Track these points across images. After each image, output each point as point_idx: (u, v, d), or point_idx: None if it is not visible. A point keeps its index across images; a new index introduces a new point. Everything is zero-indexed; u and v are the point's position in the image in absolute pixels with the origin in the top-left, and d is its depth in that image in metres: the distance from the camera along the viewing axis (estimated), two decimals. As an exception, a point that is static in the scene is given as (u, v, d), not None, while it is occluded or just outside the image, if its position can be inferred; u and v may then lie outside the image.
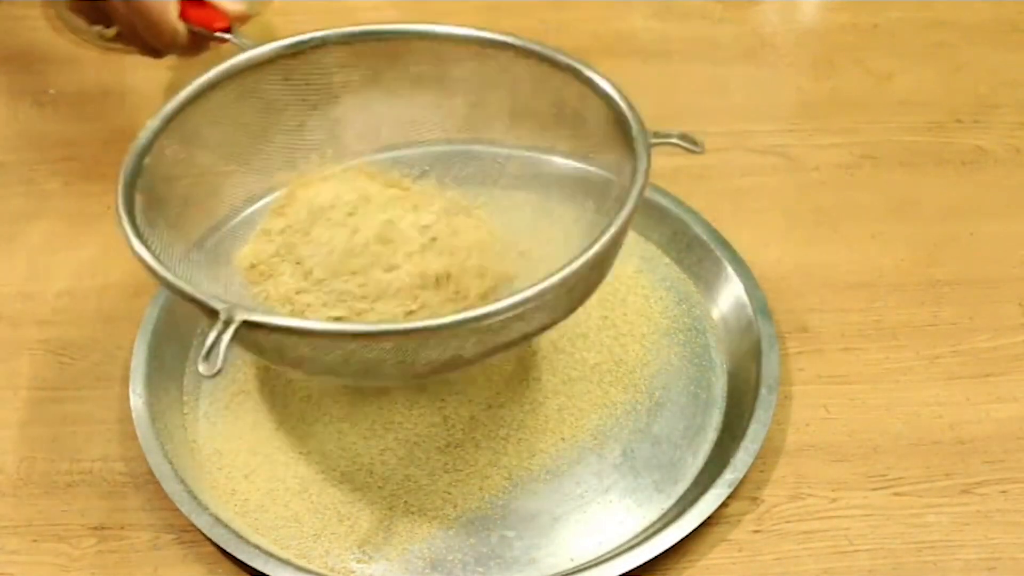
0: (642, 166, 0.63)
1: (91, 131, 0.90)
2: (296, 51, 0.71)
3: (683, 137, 0.66)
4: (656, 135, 0.65)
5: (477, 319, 0.57)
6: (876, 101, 0.92)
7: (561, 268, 0.59)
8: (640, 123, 0.65)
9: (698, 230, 0.78)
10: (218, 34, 0.74)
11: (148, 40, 0.76)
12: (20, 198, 0.85)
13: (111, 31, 0.79)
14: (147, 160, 0.65)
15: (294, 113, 0.72)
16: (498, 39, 0.70)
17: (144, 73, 0.94)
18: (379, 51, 0.71)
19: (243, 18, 0.75)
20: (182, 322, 0.75)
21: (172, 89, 0.92)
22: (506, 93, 0.71)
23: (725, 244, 0.77)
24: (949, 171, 0.86)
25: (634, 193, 0.62)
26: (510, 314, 0.58)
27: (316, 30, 0.71)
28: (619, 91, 0.66)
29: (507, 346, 0.63)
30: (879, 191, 0.85)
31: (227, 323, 0.56)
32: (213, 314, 0.56)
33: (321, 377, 0.69)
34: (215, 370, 0.55)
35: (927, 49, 0.96)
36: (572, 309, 0.64)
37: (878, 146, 0.88)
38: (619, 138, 0.66)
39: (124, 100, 0.92)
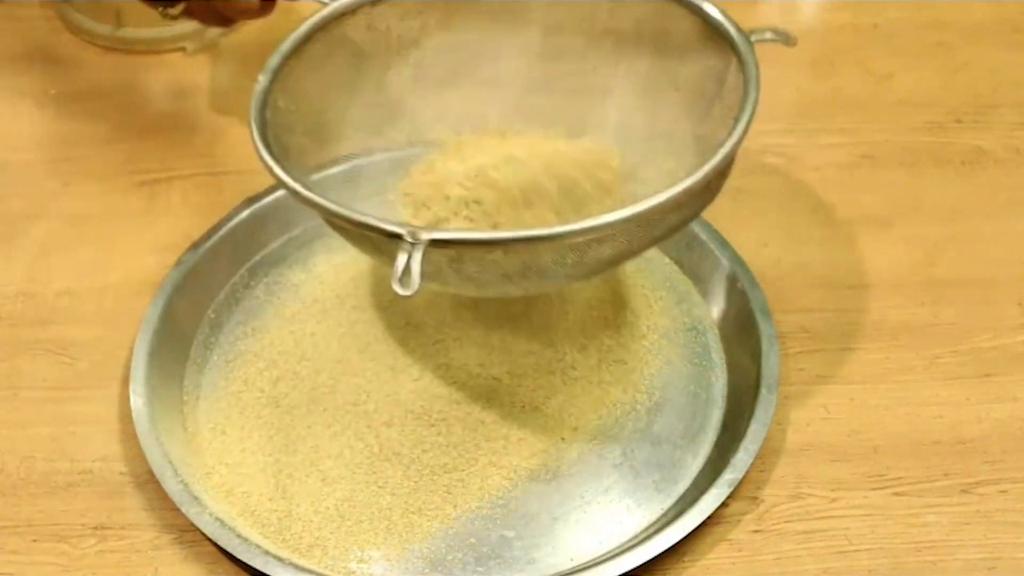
0: (751, 65, 0.67)
1: (91, 131, 0.90)
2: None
3: (775, 32, 0.70)
4: (754, 33, 0.68)
5: (642, 213, 0.60)
6: (876, 101, 0.92)
7: (714, 152, 0.62)
8: (738, 27, 0.68)
9: (698, 230, 0.78)
10: None
11: (219, 7, 0.77)
12: (21, 198, 0.85)
13: (177, 8, 0.79)
14: (267, 113, 0.67)
15: (380, 61, 0.73)
16: None
17: (144, 73, 0.94)
18: None
19: None
20: (182, 322, 0.75)
21: (173, 89, 0.93)
22: (588, 16, 0.73)
23: (725, 244, 0.77)
24: (949, 171, 0.86)
25: (751, 95, 0.65)
26: (670, 205, 0.61)
27: None
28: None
29: (652, 242, 0.66)
30: (879, 191, 0.85)
31: (414, 244, 0.57)
32: (395, 237, 0.58)
33: (495, 288, 0.68)
34: (414, 289, 0.57)
35: (927, 49, 0.96)
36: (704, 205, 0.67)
37: (878, 146, 0.88)
38: (715, 48, 0.69)
39: (124, 100, 0.92)
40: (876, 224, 0.82)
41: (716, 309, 0.77)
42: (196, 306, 0.77)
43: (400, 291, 0.57)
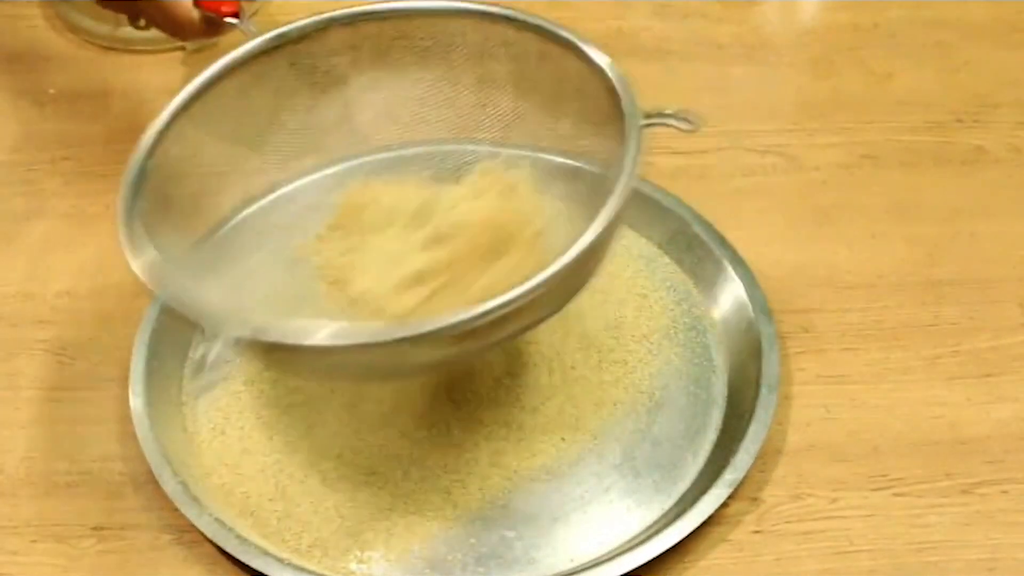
0: (631, 151, 0.61)
1: (91, 131, 0.90)
2: (300, 36, 0.71)
3: (678, 115, 0.64)
4: (648, 115, 0.63)
5: (468, 320, 0.56)
6: (876, 101, 0.92)
7: (550, 265, 0.58)
8: (631, 98, 0.63)
9: (698, 230, 0.78)
10: (227, 19, 0.76)
11: (166, 28, 0.79)
12: (20, 198, 0.85)
13: (142, 20, 0.81)
14: (151, 162, 0.66)
15: (303, 99, 0.72)
16: (499, 13, 0.70)
17: (144, 73, 0.94)
18: (382, 31, 0.72)
19: None
20: (182, 322, 0.75)
21: (173, 88, 0.93)
22: (509, 69, 0.71)
23: (725, 244, 0.77)
24: (949, 171, 0.86)
25: (622, 182, 0.60)
26: (500, 313, 0.57)
27: (317, 14, 0.71)
28: (614, 67, 0.65)
29: (497, 343, 0.63)
30: (879, 191, 0.85)
31: (217, 339, 0.56)
32: (205, 330, 0.57)
33: (323, 380, 0.70)
34: (208, 388, 0.55)
35: (927, 49, 0.96)
36: (562, 305, 0.64)
37: (878, 146, 0.88)
38: (616, 118, 0.64)
39: (124, 100, 0.92)
40: (876, 224, 0.82)
41: (716, 309, 0.77)
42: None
43: (197, 387, 0.55)
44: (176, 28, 0.79)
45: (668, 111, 0.64)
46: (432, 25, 0.71)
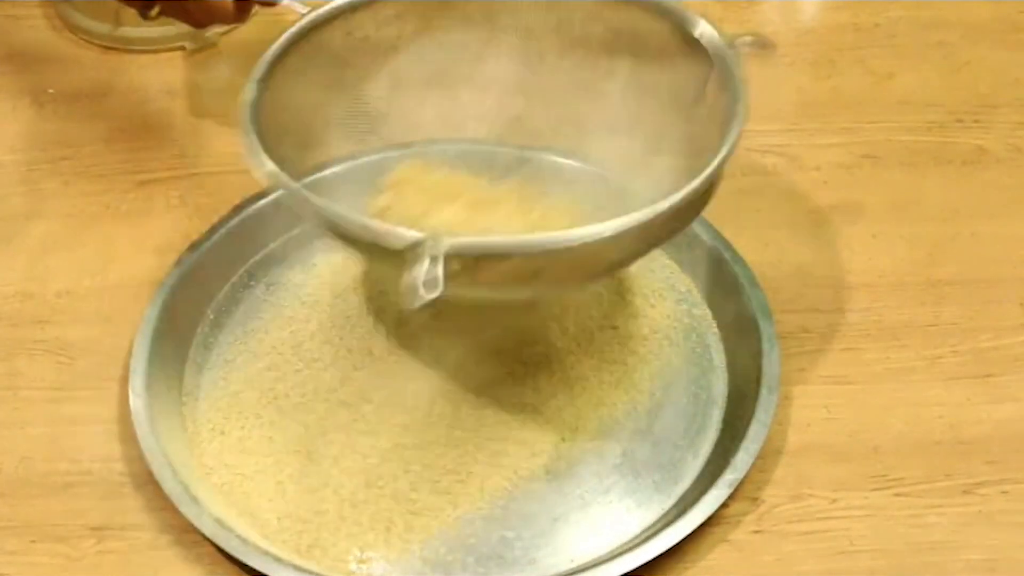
0: (737, 74, 0.67)
1: (91, 131, 0.90)
2: (354, 6, 0.72)
3: (755, 40, 0.69)
4: (731, 42, 0.68)
5: (648, 221, 0.59)
6: (876, 101, 0.92)
7: (710, 159, 0.62)
8: (721, 33, 0.68)
9: (698, 230, 0.78)
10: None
11: (194, 12, 0.77)
12: (20, 198, 0.85)
13: (154, 10, 0.80)
14: (259, 116, 0.66)
15: (358, 69, 0.73)
16: None
17: (144, 73, 0.94)
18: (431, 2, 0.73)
19: None
20: (182, 322, 0.75)
21: (173, 88, 0.93)
22: (565, 35, 0.72)
23: (725, 244, 0.77)
24: (949, 171, 0.86)
25: (740, 104, 0.66)
26: (672, 212, 0.61)
27: None
28: (685, 9, 0.68)
29: (655, 245, 0.67)
30: (879, 191, 0.85)
31: (435, 253, 0.56)
32: (415, 247, 0.57)
33: (506, 293, 0.69)
34: (438, 293, 0.56)
35: (927, 49, 0.96)
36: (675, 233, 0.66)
37: (878, 146, 0.88)
38: (690, 58, 0.68)
39: (124, 100, 0.92)
40: (876, 224, 0.82)
41: (716, 309, 0.77)
42: (196, 306, 0.77)
43: (426, 296, 0.56)
44: (205, 14, 0.77)
45: (746, 36, 0.69)
46: None
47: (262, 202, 0.80)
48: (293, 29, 0.71)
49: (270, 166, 0.63)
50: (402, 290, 0.56)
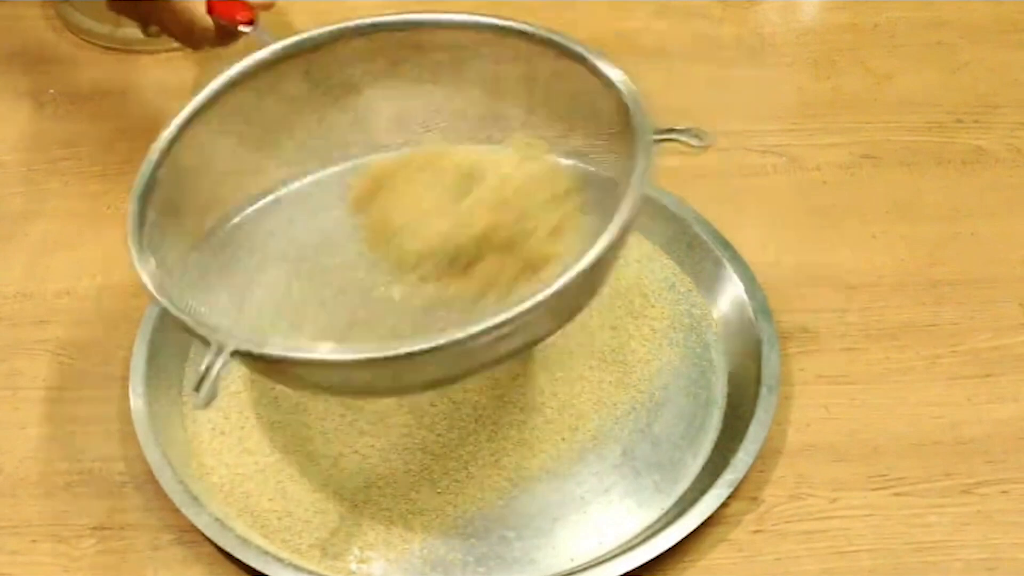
0: (641, 166, 0.61)
1: (91, 131, 0.90)
2: (316, 45, 0.71)
3: (689, 132, 0.64)
4: (659, 131, 0.63)
5: (463, 340, 0.56)
6: (876, 101, 0.92)
7: (553, 281, 0.57)
8: (643, 113, 0.63)
9: (698, 230, 0.78)
10: (241, 28, 0.75)
11: (179, 35, 0.78)
12: (20, 198, 0.85)
13: (154, 28, 0.80)
14: (160, 172, 0.66)
15: (315, 108, 0.73)
16: (513, 27, 0.70)
17: (144, 73, 0.94)
18: (396, 42, 0.72)
19: (267, 6, 0.77)
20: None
21: (173, 89, 0.93)
22: (521, 82, 0.71)
23: (725, 244, 0.77)
24: (949, 171, 0.86)
25: (629, 198, 0.60)
26: (499, 332, 0.57)
27: (332, 23, 0.71)
28: (627, 82, 0.66)
29: (502, 358, 0.63)
30: (879, 191, 0.85)
31: (218, 353, 0.56)
32: (206, 343, 0.57)
33: (322, 395, 0.70)
34: (207, 402, 0.55)
35: (927, 49, 0.96)
36: (572, 316, 0.64)
37: (878, 146, 0.88)
38: (626, 132, 0.65)
39: (124, 100, 0.92)
40: (876, 224, 0.82)
41: (716, 309, 0.77)
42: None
43: (195, 403, 0.55)
44: (189, 36, 0.78)
45: (680, 127, 0.64)
46: (446, 38, 0.71)
47: (261, 202, 0.80)
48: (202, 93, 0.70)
49: (145, 271, 0.62)
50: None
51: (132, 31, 0.94)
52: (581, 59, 0.67)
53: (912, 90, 0.93)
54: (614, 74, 0.66)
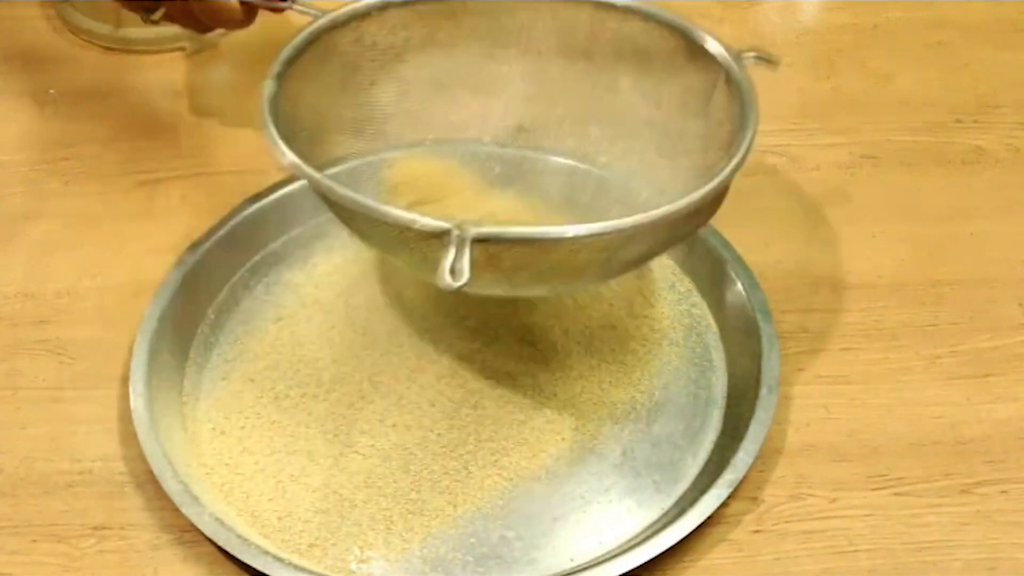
0: (746, 84, 0.68)
1: (91, 131, 0.90)
2: (365, 13, 0.73)
3: (759, 54, 0.71)
4: (740, 52, 0.69)
5: (679, 210, 0.61)
6: (876, 101, 0.92)
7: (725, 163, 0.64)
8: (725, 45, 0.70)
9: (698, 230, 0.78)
10: (279, 4, 0.76)
11: (200, 15, 0.77)
12: (20, 198, 0.85)
13: (158, 14, 0.80)
14: (282, 103, 0.68)
15: (366, 73, 0.74)
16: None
17: (144, 73, 0.94)
18: (439, 10, 0.73)
19: None
20: (182, 322, 0.75)
21: (173, 89, 0.93)
22: (570, 43, 0.73)
23: (725, 244, 0.77)
24: (949, 171, 0.86)
25: (751, 117, 0.67)
26: (690, 211, 0.62)
27: None
28: (690, 22, 0.71)
29: (670, 244, 0.69)
30: (879, 191, 0.85)
31: (461, 239, 0.57)
32: (441, 235, 0.58)
33: (526, 288, 0.70)
34: (465, 279, 0.56)
35: (927, 49, 0.96)
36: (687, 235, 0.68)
37: (878, 146, 0.88)
38: (697, 71, 0.70)
39: (124, 100, 0.92)
40: (876, 224, 0.82)
41: (716, 309, 0.77)
42: (196, 306, 0.77)
43: (452, 283, 0.57)
44: (212, 16, 0.77)
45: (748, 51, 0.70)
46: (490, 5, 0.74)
47: (262, 202, 0.80)
48: (307, 30, 0.71)
49: (291, 156, 0.64)
50: (435, 276, 0.57)
51: (132, 31, 0.94)
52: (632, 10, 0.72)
53: (912, 90, 0.93)
54: (672, 17, 0.72)
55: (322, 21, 0.72)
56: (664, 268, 0.79)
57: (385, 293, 0.77)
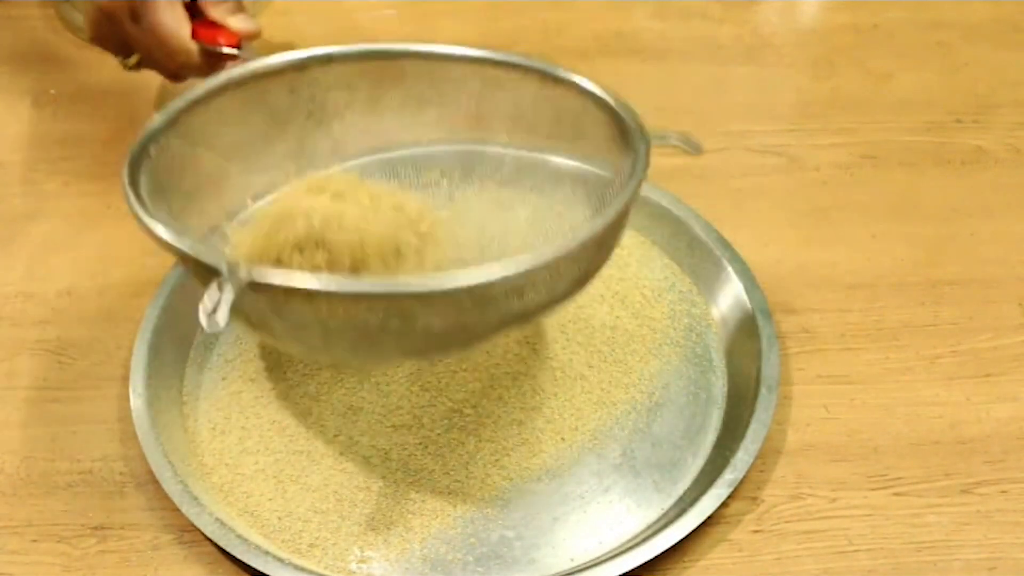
0: (640, 164, 0.63)
1: (91, 131, 0.90)
2: (302, 65, 0.71)
3: (682, 138, 0.66)
4: (656, 137, 0.65)
5: (484, 285, 0.57)
6: (876, 101, 0.92)
7: (569, 239, 0.58)
8: (640, 126, 0.65)
9: (698, 230, 0.78)
10: (227, 50, 0.75)
11: (163, 62, 0.78)
12: (20, 198, 0.85)
13: (133, 59, 0.80)
14: (152, 149, 0.66)
15: (298, 124, 0.73)
16: (501, 59, 0.70)
17: (144, 73, 0.94)
18: (382, 69, 0.72)
19: (252, 36, 0.77)
20: (182, 322, 0.75)
21: (172, 89, 0.93)
22: (507, 107, 0.72)
23: (725, 244, 0.77)
24: (949, 171, 0.87)
25: (631, 184, 0.62)
26: (514, 282, 0.58)
27: (321, 45, 0.71)
28: (618, 99, 0.67)
29: (499, 325, 0.62)
30: (879, 191, 0.85)
31: (232, 280, 0.55)
32: (215, 274, 0.56)
33: (318, 350, 0.67)
34: (220, 327, 0.54)
35: (927, 49, 0.96)
36: (568, 293, 0.63)
37: (878, 146, 0.88)
38: (620, 144, 0.66)
39: (124, 100, 0.92)
40: (876, 224, 0.82)
41: (716, 309, 0.77)
42: (196, 306, 0.76)
43: (205, 324, 0.54)
44: (172, 62, 0.76)
45: (672, 134, 0.66)
46: (433, 68, 0.71)
47: (262, 202, 0.80)
48: (229, 74, 0.70)
49: (130, 197, 0.62)
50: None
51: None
52: (571, 84, 0.68)
53: (912, 90, 0.93)
54: (604, 95, 0.67)
55: (246, 67, 0.70)
56: (664, 268, 0.79)
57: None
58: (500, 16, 0.98)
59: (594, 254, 0.63)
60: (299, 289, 0.56)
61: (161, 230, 0.60)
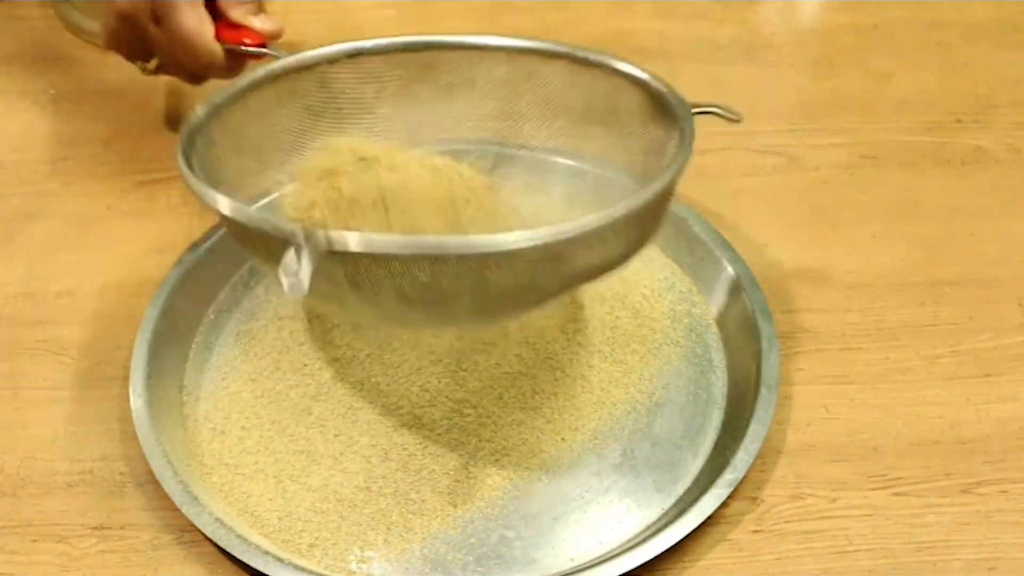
0: (688, 133, 0.65)
1: (91, 131, 0.90)
2: (333, 59, 0.72)
3: (721, 107, 0.68)
4: (696, 105, 0.67)
5: (558, 239, 0.57)
6: (876, 101, 0.92)
7: (635, 196, 0.59)
8: (681, 98, 0.67)
9: (698, 230, 0.78)
10: (253, 49, 0.76)
11: (187, 64, 0.77)
12: (20, 198, 0.85)
13: (152, 64, 0.80)
14: (199, 138, 0.67)
15: (330, 119, 0.73)
16: (532, 47, 0.72)
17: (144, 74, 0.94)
18: (413, 61, 0.73)
19: (276, 36, 0.77)
20: (182, 322, 0.75)
21: (172, 90, 0.93)
22: (538, 96, 0.72)
23: (725, 244, 0.77)
24: (949, 171, 0.87)
25: (683, 152, 0.64)
26: (588, 235, 0.58)
27: (350, 39, 0.73)
28: (654, 75, 0.69)
29: (561, 287, 0.63)
30: (879, 191, 0.85)
31: (308, 245, 0.55)
32: (288, 243, 0.56)
33: (388, 314, 0.66)
34: (302, 293, 0.54)
35: (927, 49, 0.96)
36: (623, 257, 0.64)
37: (878, 146, 0.88)
38: (660, 122, 0.68)
39: (124, 100, 0.92)
40: (876, 224, 0.82)
41: (716, 309, 0.77)
42: (196, 306, 0.77)
43: (289, 290, 0.55)
44: (196, 63, 0.76)
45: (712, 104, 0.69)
46: (461, 59, 0.72)
47: (262, 202, 0.80)
48: (266, 69, 0.71)
49: (182, 165, 0.64)
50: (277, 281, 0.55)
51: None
52: (602, 66, 0.70)
53: (912, 90, 0.93)
54: (638, 72, 0.70)
55: (281, 63, 0.72)
56: (664, 268, 0.79)
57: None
58: (500, 16, 0.98)
59: (650, 219, 0.64)
60: (379, 254, 0.57)
61: (225, 204, 0.60)
